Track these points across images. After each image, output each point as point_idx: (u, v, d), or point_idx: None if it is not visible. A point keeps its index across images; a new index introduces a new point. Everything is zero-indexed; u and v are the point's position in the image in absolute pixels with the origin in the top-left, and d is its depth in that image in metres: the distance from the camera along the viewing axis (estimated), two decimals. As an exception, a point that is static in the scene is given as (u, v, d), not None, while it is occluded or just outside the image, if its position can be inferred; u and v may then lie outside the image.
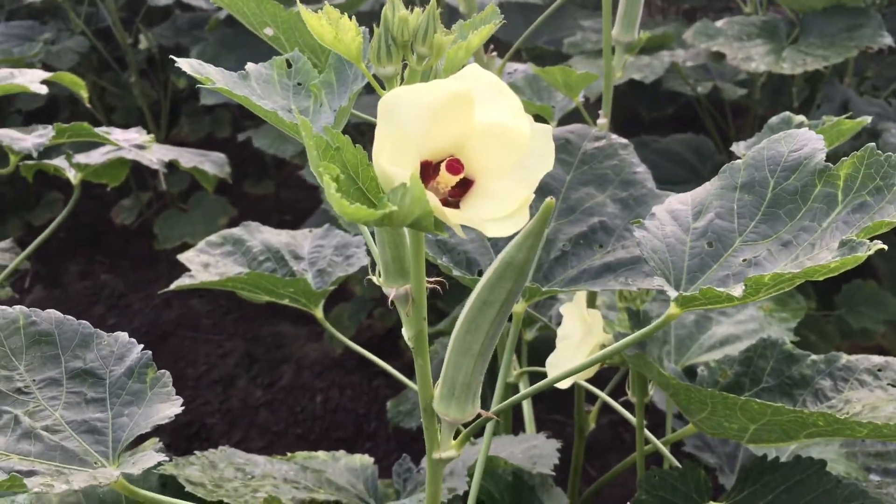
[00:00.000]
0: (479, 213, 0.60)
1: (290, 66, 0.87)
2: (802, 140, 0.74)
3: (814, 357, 1.07)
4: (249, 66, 0.86)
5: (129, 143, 1.43)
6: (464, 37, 0.66)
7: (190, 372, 2.70)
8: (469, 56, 0.67)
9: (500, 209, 0.59)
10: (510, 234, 0.58)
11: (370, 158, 0.59)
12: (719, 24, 2.03)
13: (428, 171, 0.62)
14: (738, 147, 1.17)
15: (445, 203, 0.63)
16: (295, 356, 2.75)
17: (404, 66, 0.65)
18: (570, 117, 1.30)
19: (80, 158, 1.68)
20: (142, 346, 0.82)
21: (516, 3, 2.31)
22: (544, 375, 1.12)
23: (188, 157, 1.81)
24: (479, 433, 1.22)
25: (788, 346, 1.08)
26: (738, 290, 0.60)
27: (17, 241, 2.28)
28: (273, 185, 2.94)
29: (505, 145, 0.60)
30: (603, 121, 1.18)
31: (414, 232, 0.68)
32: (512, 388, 1.32)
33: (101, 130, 1.42)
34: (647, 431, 1.14)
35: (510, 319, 1.03)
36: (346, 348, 2.59)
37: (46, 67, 2.50)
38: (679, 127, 2.45)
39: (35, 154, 1.31)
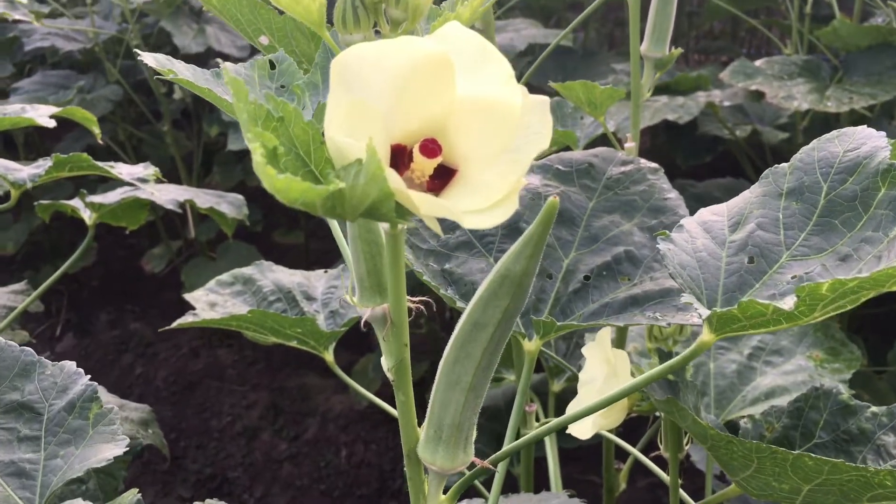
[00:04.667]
0: (458, 204, 0.47)
1: (273, 67, 0.76)
2: (860, 138, 0.60)
3: (874, 409, 0.90)
4: (226, 64, 0.75)
5: (133, 176, 1.33)
6: (452, 8, 0.54)
7: (214, 423, 2.58)
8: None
9: (485, 199, 0.46)
10: (491, 226, 0.45)
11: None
12: (758, 63, 1.90)
13: (401, 157, 0.50)
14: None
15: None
16: (320, 409, 2.61)
17: (377, 35, 0.53)
18: (599, 143, 1.18)
19: (96, 199, 1.60)
20: (88, 377, 0.70)
21: (547, 46, 2.21)
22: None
23: (204, 198, 1.72)
24: (485, 486, 1.07)
25: (845, 396, 0.92)
26: (788, 303, 0.45)
27: (51, 290, 2.20)
28: (303, 235, 2.85)
29: (493, 124, 0.48)
30: (630, 144, 1.05)
31: (391, 237, 0.55)
32: (532, 447, 1.17)
33: (105, 164, 1.32)
34: (683, 493, 0.98)
35: (523, 358, 0.89)
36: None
37: (81, 115, 2.45)
38: (717, 174, 2.31)
39: (30, 185, 1.22)
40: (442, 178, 0.51)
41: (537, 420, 1.21)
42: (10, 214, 2.85)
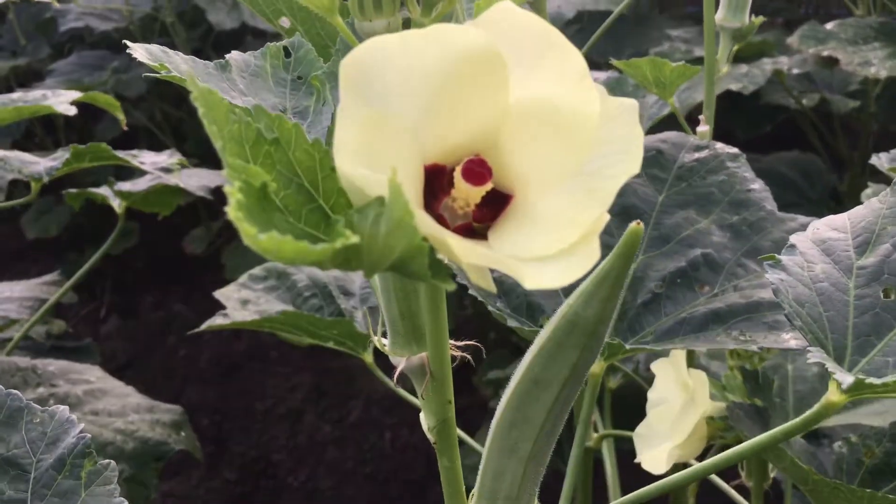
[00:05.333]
0: (514, 248, 0.34)
1: (288, 55, 0.63)
2: None
3: None
4: (233, 54, 0.63)
5: (156, 166, 1.23)
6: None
7: (258, 406, 2.51)
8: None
9: (551, 241, 0.34)
10: (563, 284, 0.33)
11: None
12: (829, 26, 1.72)
13: (438, 181, 0.37)
14: (879, 160, 0.88)
15: (468, 233, 0.38)
16: (364, 391, 2.52)
17: (404, 23, 0.40)
18: (664, 127, 1.03)
19: (125, 186, 1.50)
20: (80, 426, 0.59)
21: (599, 13, 2.05)
22: (630, 439, 0.84)
23: (239, 183, 1.61)
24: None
25: (962, 418, 0.78)
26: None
27: (95, 271, 2.13)
28: (345, 214, 2.74)
29: (560, 137, 0.35)
30: (704, 128, 0.91)
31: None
32: (591, 455, 1.05)
33: (126, 154, 1.22)
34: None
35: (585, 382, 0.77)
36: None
37: (117, 96, 2.37)
38: (779, 147, 2.13)
39: (46, 179, 1.12)
40: (492, 207, 0.38)
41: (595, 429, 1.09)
42: (52, 197, 2.79)
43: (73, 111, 1.29)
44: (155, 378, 2.51)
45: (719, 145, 0.86)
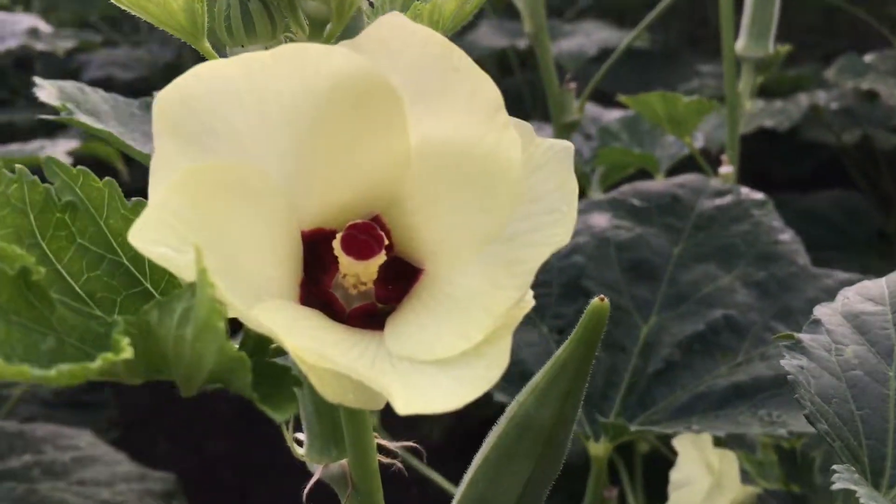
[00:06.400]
0: (409, 345, 0.25)
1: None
2: None
3: None
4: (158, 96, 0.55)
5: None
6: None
7: (279, 458, 2.42)
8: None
9: (455, 338, 0.24)
10: (462, 405, 0.23)
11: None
12: (868, 58, 1.61)
13: (326, 251, 0.28)
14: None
15: (368, 319, 0.28)
16: (386, 439, 2.42)
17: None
18: (683, 169, 0.93)
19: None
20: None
21: (624, 53, 1.95)
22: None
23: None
24: None
25: None
26: None
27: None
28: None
29: (472, 190, 0.25)
30: (727, 169, 0.81)
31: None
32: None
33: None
34: None
35: (587, 467, 0.66)
36: (445, 431, 2.23)
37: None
38: (820, 186, 2.00)
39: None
40: (401, 283, 0.29)
41: (622, 497, 0.97)
42: None
43: (68, 161, 1.23)
44: (175, 428, 2.44)
45: (744, 190, 0.75)
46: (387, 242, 0.27)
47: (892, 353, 0.36)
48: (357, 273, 0.27)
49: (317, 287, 0.28)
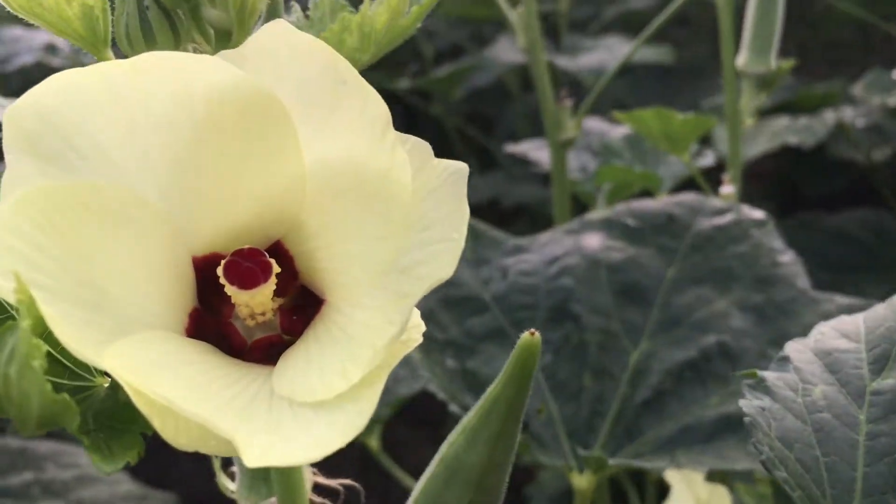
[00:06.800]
0: (291, 385, 0.23)
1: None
2: None
3: None
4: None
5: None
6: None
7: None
8: (363, 50, 0.32)
9: (334, 379, 0.22)
10: (322, 456, 0.21)
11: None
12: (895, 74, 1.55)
13: (213, 281, 0.26)
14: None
15: (270, 352, 0.26)
16: (411, 463, 2.39)
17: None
18: (687, 189, 0.90)
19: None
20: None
21: (647, 65, 1.92)
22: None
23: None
24: None
25: None
26: None
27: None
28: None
29: (366, 214, 0.23)
30: (728, 189, 0.78)
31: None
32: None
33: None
34: None
35: (571, 499, 0.63)
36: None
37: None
38: (853, 204, 1.94)
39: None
40: (307, 314, 0.26)
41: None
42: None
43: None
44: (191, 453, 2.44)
45: (744, 209, 0.72)
46: (278, 270, 0.25)
47: (864, 394, 0.33)
48: (246, 303, 0.25)
49: (214, 317, 0.26)
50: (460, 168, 0.23)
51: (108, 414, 0.22)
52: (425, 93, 1.73)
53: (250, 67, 0.23)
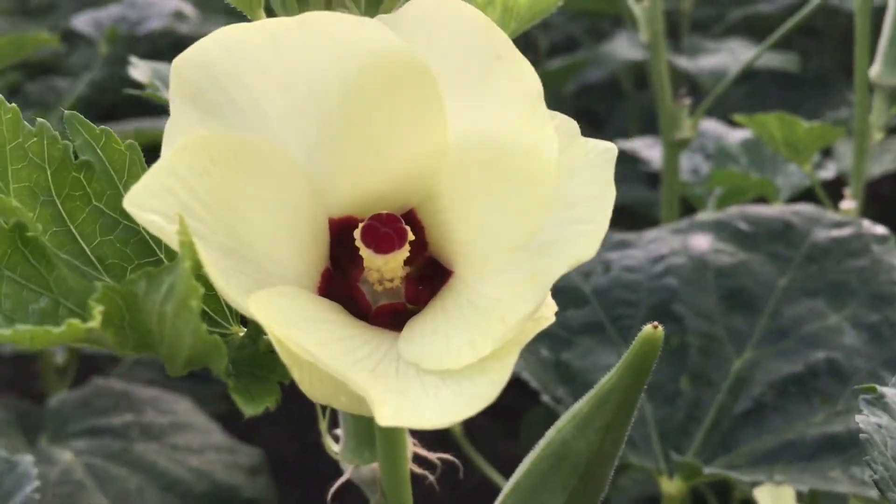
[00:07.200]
0: (419, 352, 0.23)
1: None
2: None
3: None
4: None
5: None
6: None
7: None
8: (513, 22, 0.32)
9: (463, 349, 0.22)
10: (451, 423, 0.21)
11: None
12: None
13: (353, 243, 0.26)
14: None
15: (394, 318, 0.27)
16: (486, 455, 2.39)
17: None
18: (804, 201, 0.86)
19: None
20: (35, 483, 0.52)
21: (771, 71, 1.85)
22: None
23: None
24: None
25: None
26: None
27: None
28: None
29: (506, 188, 0.23)
30: (849, 204, 0.74)
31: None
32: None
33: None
34: None
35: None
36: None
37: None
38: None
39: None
40: (432, 283, 0.27)
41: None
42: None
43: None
44: (280, 415, 2.50)
45: (865, 223, 0.69)
46: (412, 238, 0.25)
47: None
48: (378, 268, 0.25)
49: (343, 279, 0.27)
50: (609, 148, 0.23)
51: (248, 361, 0.23)
52: (536, 84, 1.72)
53: (403, 32, 0.23)
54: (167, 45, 2.14)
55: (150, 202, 0.21)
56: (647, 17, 0.73)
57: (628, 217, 1.75)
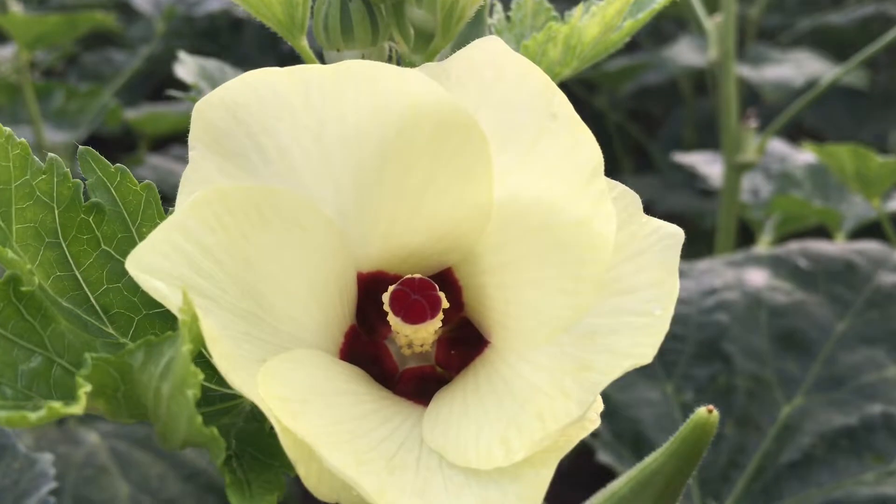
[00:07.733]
0: (443, 439, 0.20)
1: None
2: None
3: None
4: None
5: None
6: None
7: None
8: (573, 59, 0.29)
9: (495, 448, 0.19)
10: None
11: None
12: None
13: (383, 298, 0.24)
14: None
15: (422, 382, 0.24)
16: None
17: (391, 58, 0.28)
18: (869, 234, 0.82)
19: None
20: (52, 485, 0.51)
21: (838, 89, 1.78)
22: None
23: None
24: None
25: None
26: None
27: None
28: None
29: (554, 262, 0.21)
30: (919, 243, 0.70)
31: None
32: None
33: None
34: None
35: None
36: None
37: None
38: None
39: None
40: (466, 349, 0.24)
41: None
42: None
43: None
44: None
45: (935, 270, 0.65)
46: (446, 306, 0.23)
47: None
48: (407, 335, 0.23)
49: (369, 337, 0.25)
50: (675, 233, 0.20)
51: (253, 440, 0.21)
52: (591, 84, 1.67)
53: (453, 84, 0.21)
54: (226, 24, 2.14)
55: (155, 262, 0.19)
56: (719, 34, 0.70)
57: (679, 226, 1.71)
